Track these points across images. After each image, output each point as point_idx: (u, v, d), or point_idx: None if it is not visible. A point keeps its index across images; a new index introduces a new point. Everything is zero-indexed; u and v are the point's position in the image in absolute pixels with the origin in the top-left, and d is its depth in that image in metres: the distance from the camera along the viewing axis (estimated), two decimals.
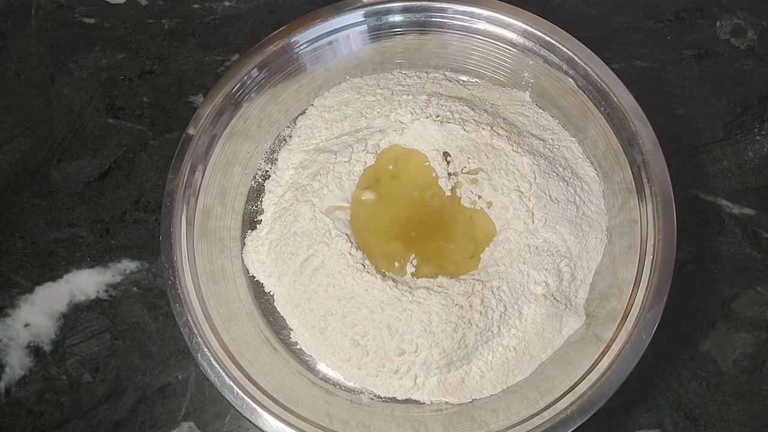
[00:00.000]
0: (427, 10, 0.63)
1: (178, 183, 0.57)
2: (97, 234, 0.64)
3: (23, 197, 0.66)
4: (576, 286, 0.58)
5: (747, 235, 0.64)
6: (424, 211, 0.60)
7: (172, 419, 0.58)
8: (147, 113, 0.69)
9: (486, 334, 0.55)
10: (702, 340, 0.60)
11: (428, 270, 0.57)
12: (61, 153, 0.67)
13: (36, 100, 0.70)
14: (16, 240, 0.64)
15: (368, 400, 0.56)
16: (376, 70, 0.67)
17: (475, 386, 0.56)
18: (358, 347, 0.56)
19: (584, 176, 0.62)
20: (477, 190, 0.60)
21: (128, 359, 0.60)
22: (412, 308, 0.54)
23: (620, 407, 0.57)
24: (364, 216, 0.59)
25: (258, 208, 0.63)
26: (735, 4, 0.73)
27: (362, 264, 0.56)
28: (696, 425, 0.58)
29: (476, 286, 0.55)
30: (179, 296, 0.54)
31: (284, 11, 0.73)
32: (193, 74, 0.71)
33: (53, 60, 0.71)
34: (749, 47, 0.71)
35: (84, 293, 0.62)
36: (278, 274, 0.60)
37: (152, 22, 0.73)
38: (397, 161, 0.61)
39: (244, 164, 0.63)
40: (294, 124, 0.66)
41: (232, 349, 0.54)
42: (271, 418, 0.51)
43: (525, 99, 0.66)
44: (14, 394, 0.59)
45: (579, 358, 0.54)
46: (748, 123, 0.68)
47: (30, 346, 0.60)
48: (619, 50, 0.69)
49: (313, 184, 0.60)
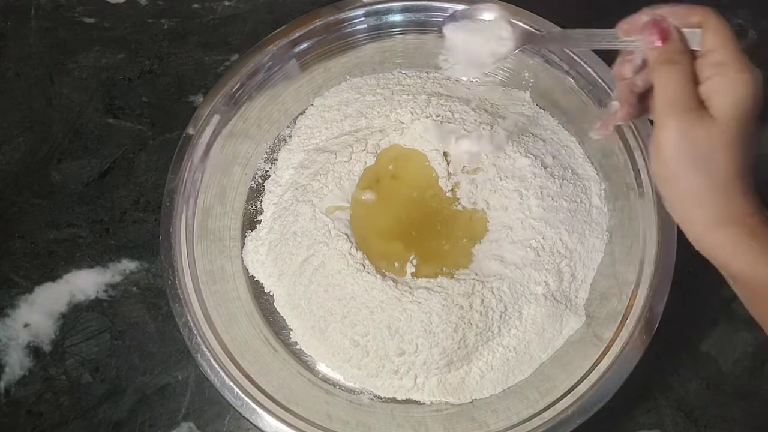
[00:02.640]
0: (427, 10, 0.63)
1: (177, 183, 0.57)
2: (96, 234, 0.64)
3: (23, 197, 0.66)
4: (576, 286, 0.58)
5: None
6: (424, 211, 0.60)
7: (172, 419, 0.58)
8: (147, 113, 0.69)
9: (486, 334, 0.55)
10: (702, 340, 0.60)
11: (428, 270, 0.57)
12: (61, 153, 0.67)
13: (36, 100, 0.70)
14: (15, 240, 0.64)
15: (368, 401, 0.56)
16: (376, 70, 0.67)
17: (475, 386, 0.56)
18: (358, 347, 0.55)
19: (584, 176, 0.62)
20: (477, 190, 0.60)
21: (128, 359, 0.60)
22: (412, 308, 0.54)
23: (620, 407, 0.57)
24: (364, 216, 0.59)
25: (258, 208, 0.63)
26: (736, 4, 0.73)
27: (362, 264, 0.56)
28: (696, 425, 0.58)
29: (476, 286, 0.55)
30: (179, 296, 0.54)
31: (284, 11, 0.73)
32: (193, 74, 0.70)
33: (53, 60, 0.71)
34: (750, 47, 0.71)
35: (84, 293, 0.62)
36: (278, 274, 0.60)
37: (152, 22, 0.73)
38: (397, 161, 0.61)
39: (244, 164, 0.63)
40: (294, 123, 0.66)
41: (232, 350, 0.54)
42: (271, 418, 0.51)
43: (525, 99, 0.66)
44: (14, 394, 0.59)
45: (579, 358, 0.54)
46: None
47: (30, 346, 0.60)
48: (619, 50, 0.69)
49: (313, 184, 0.60)
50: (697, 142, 0.37)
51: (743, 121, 0.37)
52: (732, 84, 0.37)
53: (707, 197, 0.38)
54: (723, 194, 0.37)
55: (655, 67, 0.39)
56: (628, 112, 0.44)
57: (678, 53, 0.38)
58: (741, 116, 0.37)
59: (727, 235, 0.38)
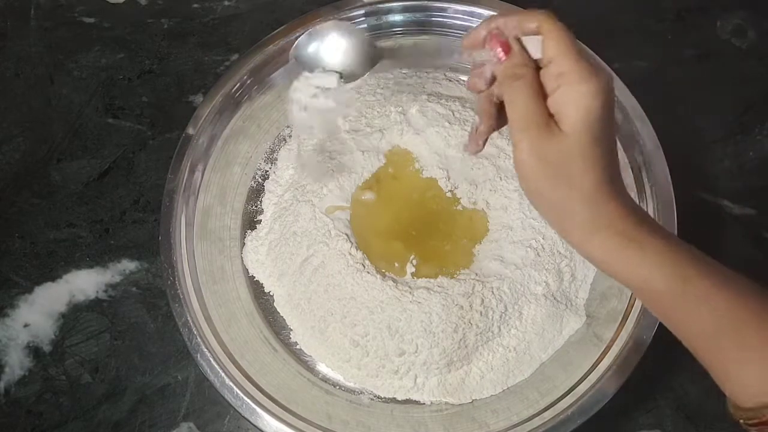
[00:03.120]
0: (427, 10, 0.63)
1: (177, 183, 0.57)
2: (96, 234, 0.64)
3: (23, 197, 0.66)
4: (576, 286, 0.58)
5: (748, 236, 0.64)
6: (424, 212, 0.59)
7: (172, 419, 0.58)
8: (146, 113, 0.69)
9: (486, 334, 0.55)
10: None
11: (428, 270, 0.57)
12: (61, 153, 0.67)
13: (35, 100, 0.70)
14: (15, 240, 0.64)
15: (368, 401, 0.56)
16: (376, 70, 0.67)
17: (475, 386, 0.56)
18: (358, 347, 0.55)
19: None
20: (477, 191, 0.60)
21: (128, 359, 0.60)
22: (412, 308, 0.54)
23: (620, 408, 0.57)
24: (364, 216, 0.59)
25: (258, 208, 0.63)
26: (736, 4, 0.73)
27: (362, 264, 0.56)
28: (696, 426, 0.58)
29: (476, 286, 0.55)
30: (179, 296, 0.54)
31: (284, 11, 0.73)
32: (192, 74, 0.70)
33: (53, 60, 0.71)
34: (750, 47, 0.71)
35: (83, 293, 0.62)
36: (278, 274, 0.60)
37: (152, 22, 0.73)
38: (397, 161, 0.61)
39: (243, 164, 0.63)
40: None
41: (232, 350, 0.54)
42: (271, 418, 0.51)
43: None
44: (14, 394, 0.59)
45: (579, 358, 0.54)
46: (749, 123, 0.68)
47: (29, 346, 0.60)
48: (619, 50, 0.69)
49: (313, 183, 0.60)
50: (550, 157, 0.36)
51: (596, 130, 0.36)
52: (577, 95, 0.35)
53: (574, 207, 0.37)
54: (589, 203, 0.37)
55: (501, 81, 0.38)
56: (490, 126, 0.42)
57: (520, 66, 0.37)
58: (592, 125, 0.35)
59: (599, 242, 0.37)
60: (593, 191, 0.37)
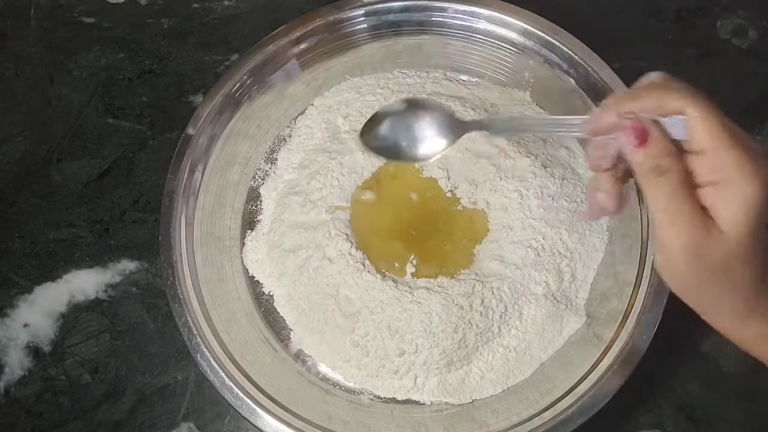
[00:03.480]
0: (427, 10, 0.63)
1: (177, 183, 0.57)
2: (96, 234, 0.64)
3: (23, 197, 0.66)
4: (576, 286, 0.58)
5: None
6: (424, 212, 0.59)
7: (172, 420, 0.58)
8: (146, 113, 0.69)
9: (486, 334, 0.55)
10: (702, 340, 0.60)
11: (428, 270, 0.57)
12: (61, 153, 0.67)
13: (35, 100, 0.70)
14: (15, 240, 0.64)
15: (368, 401, 0.56)
16: (376, 70, 0.67)
17: (475, 387, 0.55)
18: (358, 347, 0.55)
19: (584, 176, 0.62)
20: (477, 191, 0.60)
21: (127, 360, 0.60)
22: (412, 308, 0.54)
23: (621, 407, 0.57)
24: (364, 216, 0.59)
25: (258, 208, 0.63)
26: (736, 4, 0.73)
27: (362, 264, 0.56)
28: (697, 426, 0.58)
29: (476, 286, 0.55)
30: (178, 296, 0.54)
31: (284, 11, 0.73)
32: (192, 74, 0.70)
33: (52, 60, 0.71)
34: (750, 47, 0.71)
35: (83, 293, 0.62)
36: (278, 274, 0.60)
37: (152, 22, 0.73)
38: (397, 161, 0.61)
39: (243, 164, 0.63)
40: (294, 123, 0.66)
41: (232, 350, 0.53)
42: (271, 418, 0.51)
43: (525, 98, 0.66)
44: (13, 394, 0.59)
45: (579, 358, 0.54)
46: (749, 123, 0.68)
47: (29, 346, 0.60)
48: (620, 50, 0.69)
49: (313, 183, 0.60)
50: (708, 257, 0.32)
51: (759, 231, 0.32)
52: (741, 197, 0.31)
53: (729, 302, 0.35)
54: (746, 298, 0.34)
55: (640, 174, 0.33)
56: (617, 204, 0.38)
57: (663, 157, 0.32)
58: (755, 227, 0.32)
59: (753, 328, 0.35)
60: (753, 287, 0.34)
